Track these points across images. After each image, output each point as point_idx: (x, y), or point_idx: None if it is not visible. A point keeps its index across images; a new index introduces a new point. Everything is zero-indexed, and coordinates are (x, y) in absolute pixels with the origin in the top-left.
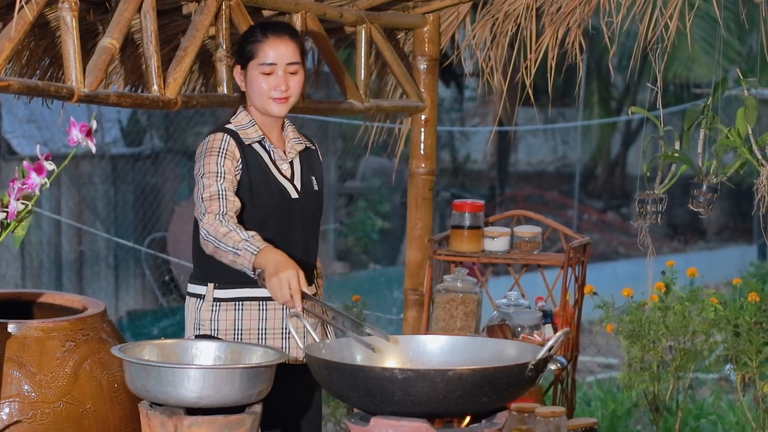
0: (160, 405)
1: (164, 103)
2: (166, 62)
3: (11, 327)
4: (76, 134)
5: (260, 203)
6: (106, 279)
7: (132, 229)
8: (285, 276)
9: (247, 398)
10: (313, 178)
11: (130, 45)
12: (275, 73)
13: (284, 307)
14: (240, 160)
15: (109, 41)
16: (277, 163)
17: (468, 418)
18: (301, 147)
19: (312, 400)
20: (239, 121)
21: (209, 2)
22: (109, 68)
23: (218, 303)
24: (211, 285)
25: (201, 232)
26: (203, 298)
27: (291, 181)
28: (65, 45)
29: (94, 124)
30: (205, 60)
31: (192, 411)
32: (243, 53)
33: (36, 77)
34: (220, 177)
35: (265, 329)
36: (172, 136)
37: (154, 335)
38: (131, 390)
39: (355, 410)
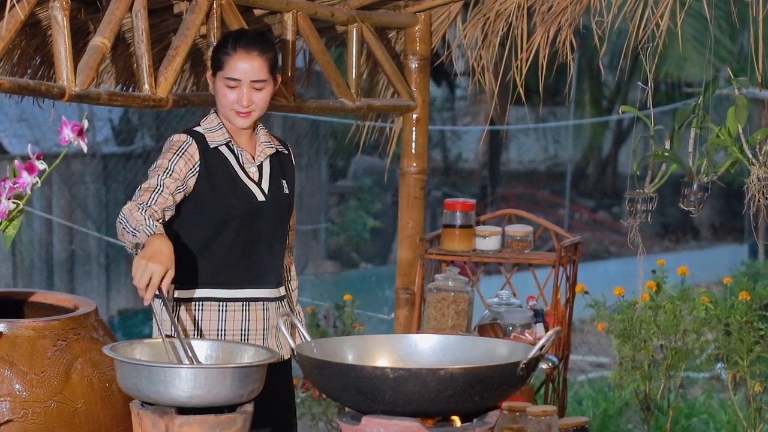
0: (152, 404)
1: (155, 102)
2: (157, 61)
3: (2, 326)
4: (67, 133)
5: (224, 204)
6: (97, 278)
7: None
8: (152, 266)
9: (238, 398)
10: (284, 181)
11: (121, 44)
12: (239, 88)
13: (245, 308)
14: (198, 163)
15: (101, 40)
16: (245, 166)
17: (460, 418)
18: (271, 151)
19: (286, 398)
20: (208, 123)
21: (200, 1)
22: (100, 67)
23: (179, 303)
24: (171, 285)
25: (119, 215)
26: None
27: (258, 184)
28: (56, 44)
29: (86, 124)
30: (196, 59)
31: (183, 410)
32: (215, 61)
33: (27, 76)
34: (166, 173)
35: (224, 330)
36: (164, 135)
37: (145, 334)
38: (123, 389)
39: (347, 409)
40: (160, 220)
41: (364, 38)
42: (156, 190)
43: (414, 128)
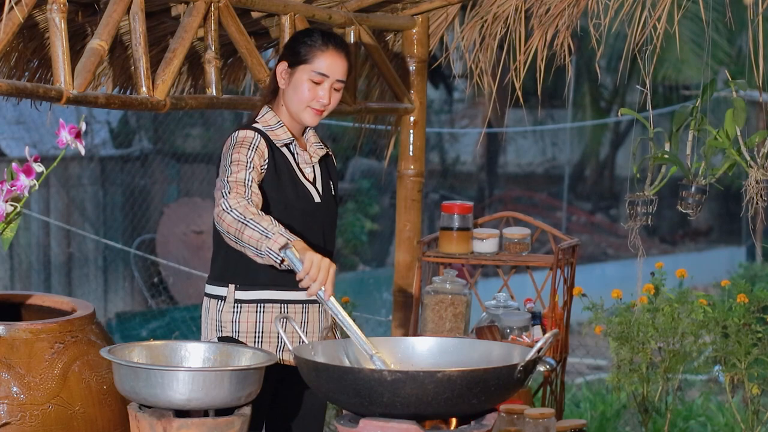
0: (149, 407)
1: (153, 105)
2: (155, 64)
3: (0, 329)
4: (65, 136)
5: (287, 205)
6: (95, 281)
7: (121, 231)
8: (325, 264)
9: (236, 400)
10: (331, 183)
11: (118, 46)
12: (323, 85)
13: (305, 310)
14: (267, 160)
15: (98, 43)
16: (302, 166)
17: (458, 420)
18: (323, 152)
19: (307, 402)
20: (267, 121)
21: (198, 4)
22: (97, 70)
23: (239, 305)
24: (232, 286)
25: (222, 205)
26: (224, 300)
27: (314, 184)
28: (54, 46)
29: (83, 126)
30: (194, 61)
31: (181, 413)
32: (296, 54)
33: (25, 79)
34: (249, 167)
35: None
36: (161, 138)
37: (143, 337)
38: (120, 392)
39: (345, 412)
40: None
41: (361, 41)
42: (248, 185)
43: (411, 131)
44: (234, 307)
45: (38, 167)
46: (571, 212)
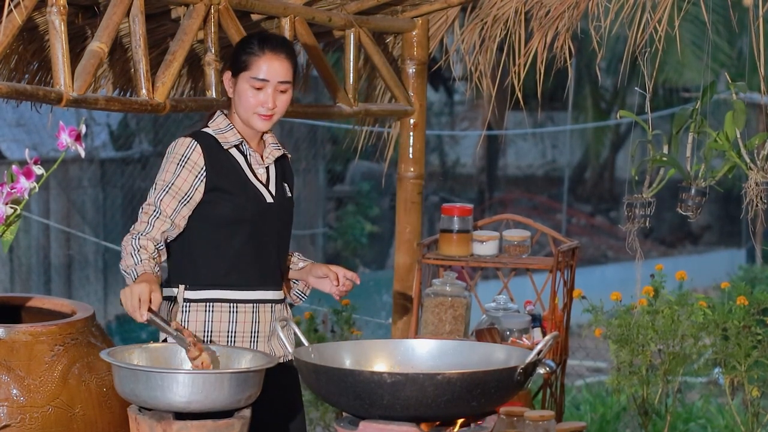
0: (149, 409)
1: (153, 107)
2: (154, 66)
3: (0, 331)
4: (65, 138)
5: (236, 206)
6: (94, 283)
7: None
8: (137, 288)
9: (236, 403)
10: (286, 185)
11: (118, 49)
12: (265, 90)
13: (254, 310)
14: (204, 168)
15: (98, 45)
16: (254, 167)
17: (458, 422)
18: (279, 153)
19: (291, 401)
20: (217, 124)
21: (198, 6)
22: (97, 72)
23: (188, 304)
24: (181, 286)
25: (131, 230)
26: (174, 300)
27: (266, 186)
28: (54, 49)
29: (83, 128)
30: (193, 64)
31: (181, 415)
32: (236, 62)
33: (25, 81)
34: (166, 190)
35: (235, 332)
36: (161, 140)
37: (143, 339)
38: (120, 394)
39: (344, 414)
40: (159, 247)
41: (361, 43)
42: (154, 215)
43: (411, 133)
44: (183, 306)
45: (38, 169)
46: (571, 214)
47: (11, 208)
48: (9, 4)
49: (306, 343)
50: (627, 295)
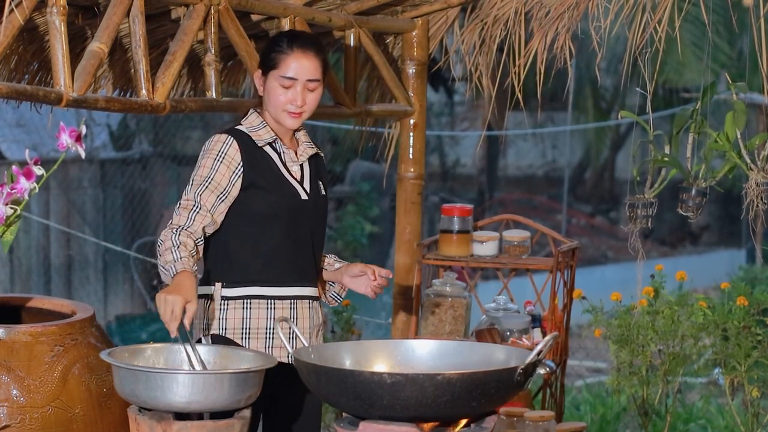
0: (149, 410)
1: (153, 108)
2: (154, 66)
3: (0, 331)
4: (65, 139)
5: (272, 202)
6: (94, 283)
7: (121, 234)
8: (172, 299)
9: (236, 403)
10: (320, 182)
11: (118, 49)
12: (294, 88)
13: (292, 306)
14: (240, 164)
15: (98, 45)
16: (288, 164)
17: (458, 423)
18: (312, 151)
19: (304, 401)
20: (251, 123)
21: (198, 6)
22: (97, 72)
23: (226, 301)
24: (218, 284)
25: (169, 224)
26: (211, 298)
27: (300, 183)
28: (54, 49)
29: (84, 129)
30: (193, 64)
31: (181, 416)
32: (266, 60)
33: (25, 81)
34: (204, 185)
35: (273, 328)
36: (161, 141)
37: (142, 339)
38: (120, 395)
39: (344, 415)
40: (198, 242)
41: (361, 43)
42: (194, 209)
43: (411, 133)
44: (221, 304)
45: (38, 170)
46: (571, 215)
47: (11, 208)
48: (9, 4)
49: (306, 344)
50: (627, 296)
